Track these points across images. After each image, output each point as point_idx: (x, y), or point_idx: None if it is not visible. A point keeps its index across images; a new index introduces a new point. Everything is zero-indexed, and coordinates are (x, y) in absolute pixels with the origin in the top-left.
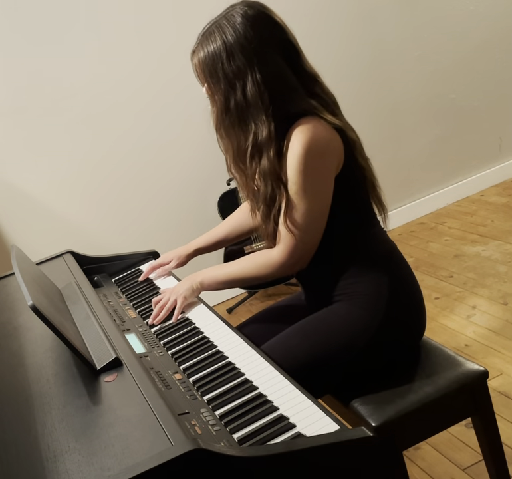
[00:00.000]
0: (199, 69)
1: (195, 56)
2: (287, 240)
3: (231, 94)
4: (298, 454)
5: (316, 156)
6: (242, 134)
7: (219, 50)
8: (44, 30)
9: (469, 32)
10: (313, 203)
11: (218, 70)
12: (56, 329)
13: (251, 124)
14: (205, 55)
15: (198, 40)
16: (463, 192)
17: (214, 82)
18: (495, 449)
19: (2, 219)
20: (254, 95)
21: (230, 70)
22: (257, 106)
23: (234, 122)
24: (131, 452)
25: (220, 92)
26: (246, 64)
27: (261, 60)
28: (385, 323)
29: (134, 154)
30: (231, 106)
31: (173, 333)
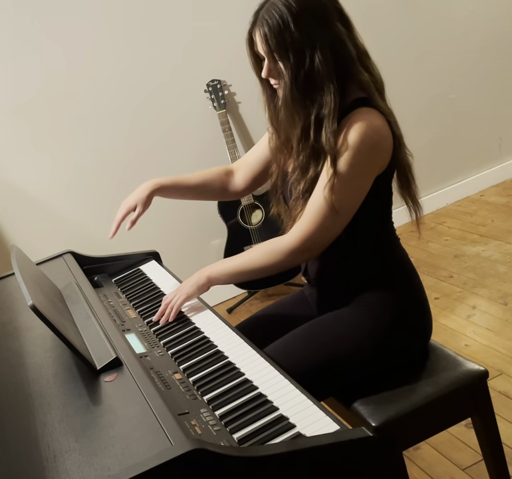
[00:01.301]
0: (263, 43)
1: (256, 31)
2: (304, 224)
3: (300, 64)
4: (298, 454)
5: (368, 152)
6: (309, 107)
7: (286, 17)
8: (44, 30)
9: (469, 33)
10: (346, 197)
11: (286, 39)
12: (56, 329)
13: (317, 95)
14: (272, 25)
15: (254, 18)
16: (463, 192)
17: (281, 55)
18: (495, 449)
19: (2, 219)
20: (323, 63)
21: (298, 37)
22: (325, 75)
23: (304, 95)
24: (131, 452)
25: (288, 65)
26: (313, 28)
27: (327, 26)
28: (393, 332)
29: (134, 154)
30: (301, 77)
31: (173, 333)
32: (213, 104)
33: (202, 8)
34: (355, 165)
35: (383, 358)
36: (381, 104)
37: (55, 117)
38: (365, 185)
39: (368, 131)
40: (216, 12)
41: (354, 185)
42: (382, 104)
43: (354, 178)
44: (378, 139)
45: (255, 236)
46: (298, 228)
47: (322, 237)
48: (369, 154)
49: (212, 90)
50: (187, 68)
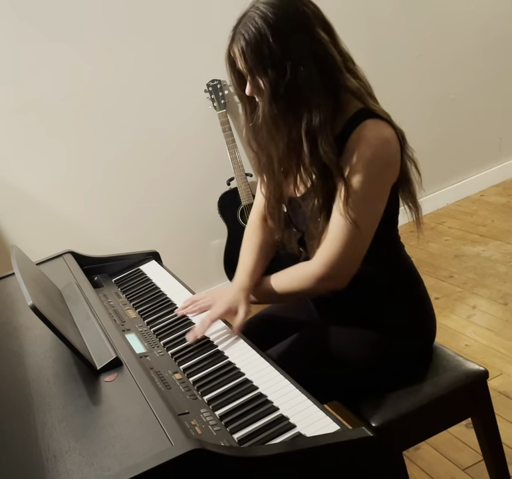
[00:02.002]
0: (241, 59)
1: (234, 48)
2: (328, 249)
3: (280, 77)
4: (298, 454)
5: (383, 166)
6: (293, 122)
7: (263, 29)
8: (44, 29)
9: (469, 33)
10: (367, 214)
11: (264, 52)
12: (56, 329)
13: (303, 109)
14: (249, 38)
15: (232, 34)
16: (463, 192)
17: (260, 69)
18: (495, 449)
19: (2, 219)
20: (305, 75)
21: (277, 49)
22: (309, 88)
23: (285, 109)
24: (131, 452)
25: (267, 79)
26: (293, 39)
27: (308, 35)
28: (399, 339)
29: (134, 154)
30: (281, 91)
31: (173, 333)
32: (213, 104)
33: (202, 8)
34: (371, 180)
35: (388, 364)
36: (380, 112)
37: (56, 118)
38: (383, 198)
39: (379, 145)
40: (216, 12)
41: (373, 201)
42: (380, 111)
43: (371, 194)
44: (390, 152)
45: None
46: (322, 253)
47: (348, 261)
48: (384, 167)
49: (212, 90)
50: (187, 68)
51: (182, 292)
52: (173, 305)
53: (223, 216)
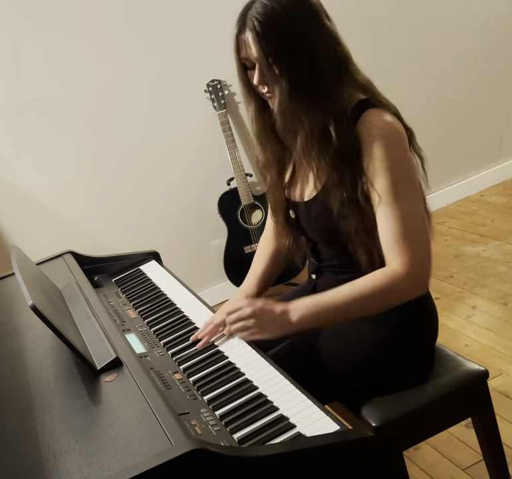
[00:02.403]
0: (255, 45)
1: (247, 32)
2: (399, 247)
3: (300, 63)
4: (298, 454)
5: (400, 143)
6: (314, 110)
7: (279, 13)
8: (45, 28)
9: (469, 33)
10: (410, 198)
11: (282, 37)
12: (56, 329)
13: (319, 97)
14: (265, 23)
15: (243, 19)
16: (463, 192)
17: (278, 54)
18: (495, 449)
19: (2, 219)
20: (323, 62)
21: (296, 34)
22: (327, 76)
23: (305, 98)
24: (131, 452)
25: (285, 68)
26: (310, 26)
27: (321, 24)
28: (403, 342)
29: (134, 154)
30: (300, 78)
31: (173, 333)
32: (213, 104)
33: (202, 8)
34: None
35: (389, 364)
36: (385, 101)
37: (56, 118)
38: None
39: (387, 126)
40: (216, 12)
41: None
42: (386, 101)
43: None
44: (400, 129)
45: (255, 236)
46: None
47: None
48: (401, 145)
49: (212, 90)
50: (187, 68)
51: (182, 292)
52: (173, 305)
53: (223, 216)
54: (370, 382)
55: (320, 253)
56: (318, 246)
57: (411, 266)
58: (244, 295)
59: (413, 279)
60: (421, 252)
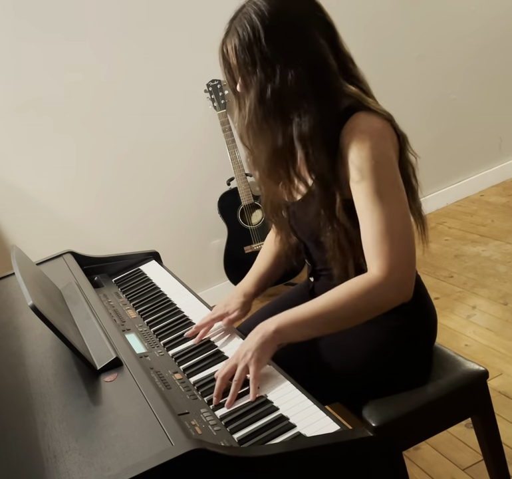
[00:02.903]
0: (232, 56)
1: (227, 43)
2: (379, 251)
3: (268, 80)
4: (298, 454)
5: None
6: (280, 126)
7: (257, 29)
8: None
9: (469, 33)
10: (392, 202)
11: (255, 53)
12: (56, 329)
13: (292, 114)
14: (242, 37)
15: (228, 27)
16: (463, 192)
17: (250, 69)
18: (495, 449)
19: (2, 219)
20: (295, 80)
21: (269, 52)
22: (298, 94)
23: (270, 114)
24: (131, 452)
25: (255, 81)
26: (288, 44)
27: (304, 41)
28: (403, 344)
29: (134, 154)
30: (268, 94)
31: (173, 333)
32: (213, 104)
33: (202, 8)
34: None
35: (389, 364)
36: (374, 105)
37: (56, 118)
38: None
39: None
40: (216, 12)
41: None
42: (376, 105)
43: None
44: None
45: (255, 236)
46: (375, 259)
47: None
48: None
49: (212, 90)
50: (187, 68)
51: (182, 292)
52: (173, 305)
53: (223, 216)
54: (370, 383)
55: (313, 257)
56: (310, 249)
57: (389, 269)
58: (242, 293)
59: (391, 283)
60: (402, 256)
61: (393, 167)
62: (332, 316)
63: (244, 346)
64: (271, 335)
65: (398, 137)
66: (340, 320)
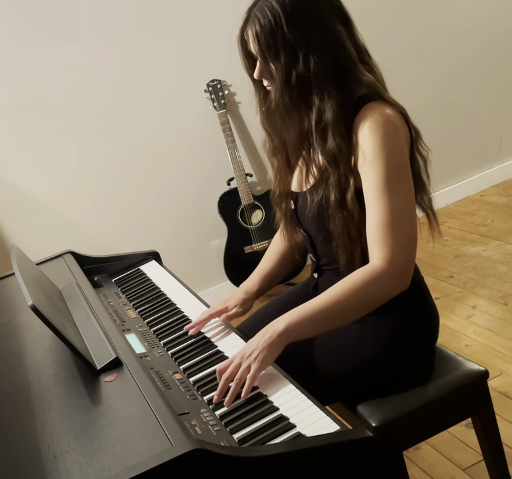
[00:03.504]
0: (254, 42)
1: (248, 29)
2: (383, 242)
3: (292, 65)
4: (298, 454)
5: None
6: (305, 112)
7: (278, 15)
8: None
9: (469, 33)
10: (400, 192)
11: (278, 39)
12: (56, 329)
13: (315, 99)
14: (263, 24)
15: (247, 15)
16: (463, 192)
17: (273, 55)
18: (495, 449)
19: (2, 219)
20: (318, 65)
21: (291, 37)
22: (321, 78)
23: (296, 98)
24: (131, 452)
25: (279, 67)
26: (308, 29)
27: (324, 26)
28: (405, 346)
29: (134, 154)
30: (293, 79)
31: (173, 333)
32: (213, 104)
33: (202, 8)
34: (392, 159)
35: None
36: (389, 96)
37: (55, 118)
38: (410, 175)
39: (386, 121)
40: (216, 12)
41: (400, 179)
42: (391, 100)
43: (394, 166)
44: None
45: (255, 236)
46: (377, 250)
47: (408, 246)
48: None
49: (212, 90)
50: (187, 68)
51: (182, 292)
52: (173, 305)
53: (223, 216)
54: (370, 383)
55: (318, 250)
56: (315, 242)
57: (391, 260)
58: (244, 292)
59: (393, 273)
60: (404, 246)
61: (403, 156)
62: (336, 310)
63: (250, 346)
64: (279, 336)
65: (410, 130)
66: (345, 314)
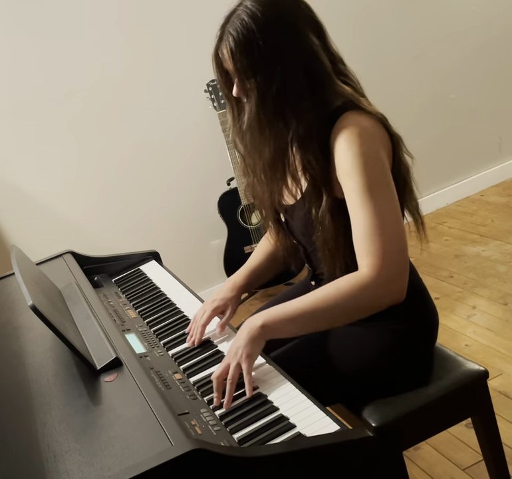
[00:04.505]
0: (229, 60)
1: (223, 47)
2: (370, 251)
3: (268, 82)
4: (298, 454)
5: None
6: (281, 129)
7: (252, 30)
8: (47, 28)
9: (469, 32)
10: (381, 199)
11: (254, 55)
12: (56, 329)
13: (290, 115)
14: (238, 40)
15: (220, 32)
16: (463, 192)
17: (249, 73)
18: (495, 449)
19: (2, 219)
20: (294, 81)
21: (267, 53)
22: (297, 94)
23: (272, 115)
24: (131, 452)
25: (255, 84)
26: (283, 43)
27: (298, 40)
28: (405, 348)
29: (135, 154)
30: (269, 96)
31: (173, 333)
32: (213, 104)
33: (202, 8)
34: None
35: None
36: (366, 105)
37: (55, 118)
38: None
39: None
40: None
41: (380, 185)
42: (369, 107)
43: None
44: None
45: (255, 236)
46: (365, 258)
47: (395, 257)
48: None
49: (212, 90)
50: (187, 68)
51: (182, 292)
52: (173, 305)
53: (223, 216)
54: (370, 384)
55: (312, 260)
56: (309, 252)
57: (379, 268)
58: (230, 288)
59: (381, 281)
60: (391, 254)
61: (382, 165)
62: (319, 313)
63: (234, 345)
64: (257, 330)
65: (391, 137)
66: (328, 318)
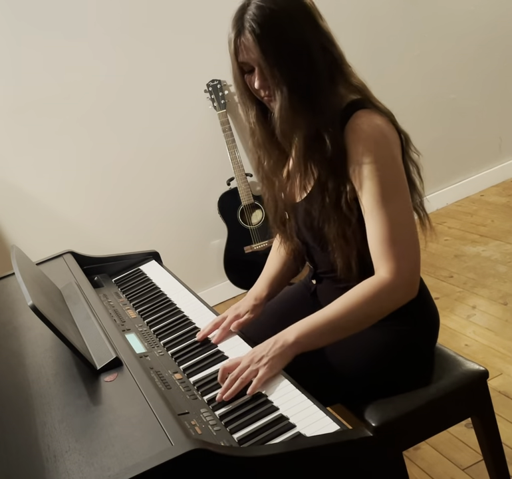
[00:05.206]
0: (256, 48)
1: (247, 35)
2: (387, 254)
3: (299, 66)
4: (298, 454)
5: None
6: (312, 112)
7: (277, 15)
8: (47, 28)
9: (469, 33)
10: (398, 203)
11: (281, 40)
12: (56, 329)
13: (319, 99)
14: (263, 25)
15: (240, 22)
16: (463, 192)
17: (277, 57)
18: (495, 449)
19: (2, 219)
20: (321, 64)
21: (293, 37)
22: (324, 78)
23: (305, 100)
24: (131, 452)
25: (285, 70)
26: (306, 28)
27: (315, 26)
28: (403, 346)
29: (134, 154)
30: (300, 81)
31: (173, 333)
32: (213, 104)
33: (202, 8)
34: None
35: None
36: (378, 104)
37: (56, 118)
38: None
39: (376, 131)
40: (216, 12)
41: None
42: (379, 104)
43: (390, 178)
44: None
45: (255, 236)
46: (383, 262)
47: (413, 255)
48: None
49: (212, 90)
50: (187, 68)
51: (182, 292)
52: (173, 305)
53: (223, 216)
54: (370, 384)
55: (314, 258)
56: (312, 250)
57: (398, 272)
58: (253, 298)
59: (401, 285)
60: (409, 258)
61: (397, 166)
62: (345, 321)
63: (260, 351)
64: (289, 347)
65: (400, 135)
66: (353, 325)
